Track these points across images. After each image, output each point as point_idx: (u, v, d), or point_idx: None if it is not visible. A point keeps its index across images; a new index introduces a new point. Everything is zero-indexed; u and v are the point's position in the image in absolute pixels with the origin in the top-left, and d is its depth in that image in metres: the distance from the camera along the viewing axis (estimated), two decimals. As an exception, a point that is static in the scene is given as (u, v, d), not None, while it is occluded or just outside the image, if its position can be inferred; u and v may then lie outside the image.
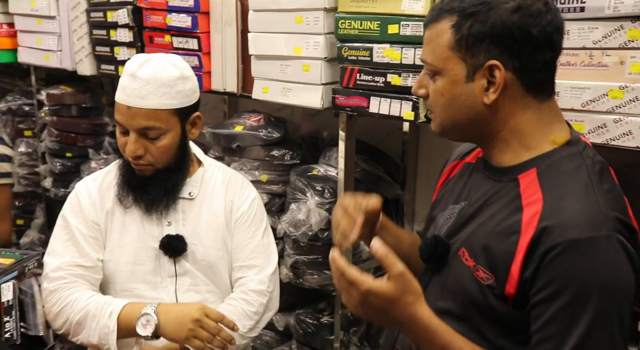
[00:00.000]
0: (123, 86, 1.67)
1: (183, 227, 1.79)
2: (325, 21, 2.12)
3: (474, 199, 1.30)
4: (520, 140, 1.23)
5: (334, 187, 2.35)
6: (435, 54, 1.23)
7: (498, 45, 1.17)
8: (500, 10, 1.17)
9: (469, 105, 1.22)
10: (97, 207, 1.80)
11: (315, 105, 2.19)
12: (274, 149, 2.53)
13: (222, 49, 2.48)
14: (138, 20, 2.71)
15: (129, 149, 1.68)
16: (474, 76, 1.20)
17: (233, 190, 1.86)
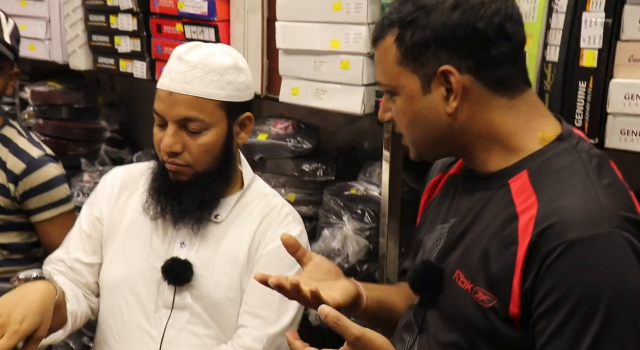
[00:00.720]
0: (167, 70, 1.78)
1: (196, 253, 1.84)
2: (370, 8, 2.14)
3: (463, 213, 1.38)
4: (503, 143, 1.34)
5: (376, 210, 2.37)
6: (386, 73, 1.36)
7: (445, 48, 1.29)
8: (439, 12, 1.29)
9: (433, 119, 1.33)
10: (112, 201, 1.93)
11: (354, 110, 2.22)
12: (304, 162, 2.57)
13: (245, 41, 2.52)
14: (144, 4, 2.78)
15: (164, 143, 1.75)
16: (429, 87, 1.32)
17: (270, 222, 1.88)
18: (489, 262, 1.28)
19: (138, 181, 1.93)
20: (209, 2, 2.54)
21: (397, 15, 1.33)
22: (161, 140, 1.76)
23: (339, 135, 2.89)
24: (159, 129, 1.79)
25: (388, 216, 2.30)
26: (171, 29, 2.69)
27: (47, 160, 2.40)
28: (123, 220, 1.90)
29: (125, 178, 1.97)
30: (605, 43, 1.62)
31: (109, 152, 3.42)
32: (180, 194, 1.80)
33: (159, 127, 1.78)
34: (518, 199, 1.28)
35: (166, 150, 1.75)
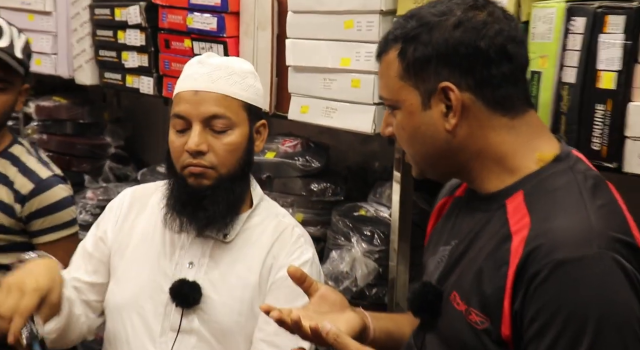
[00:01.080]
0: (188, 74, 1.82)
1: (205, 275, 1.83)
2: (381, 26, 2.15)
3: (463, 234, 1.42)
4: (502, 164, 1.37)
5: (386, 232, 2.37)
6: (388, 87, 1.40)
7: (446, 65, 1.33)
8: (441, 29, 1.33)
9: (431, 135, 1.37)
10: (119, 221, 1.93)
11: (365, 129, 2.23)
12: (312, 181, 2.58)
13: (254, 57, 2.54)
14: (152, 20, 2.80)
15: (192, 142, 1.75)
16: (429, 103, 1.36)
17: (282, 244, 1.87)
18: (482, 283, 1.30)
19: (147, 200, 1.95)
20: (218, 18, 2.57)
21: (401, 31, 1.37)
22: (180, 147, 1.78)
23: (349, 155, 2.90)
24: (177, 136, 1.80)
25: (398, 239, 2.30)
26: (179, 44, 2.72)
27: (56, 181, 2.39)
28: (131, 240, 1.90)
29: (134, 198, 1.98)
30: (624, 65, 1.61)
31: (113, 168, 3.44)
32: (203, 199, 1.80)
33: (178, 134, 1.80)
34: (512, 219, 1.31)
35: (193, 148, 1.76)
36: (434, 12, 1.36)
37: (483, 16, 1.34)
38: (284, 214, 1.97)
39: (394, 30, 1.40)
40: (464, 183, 1.51)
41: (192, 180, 1.80)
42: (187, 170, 1.79)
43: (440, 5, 1.37)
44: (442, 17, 1.34)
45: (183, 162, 1.79)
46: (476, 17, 1.34)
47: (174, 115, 1.80)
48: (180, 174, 1.80)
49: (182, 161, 1.79)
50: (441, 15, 1.35)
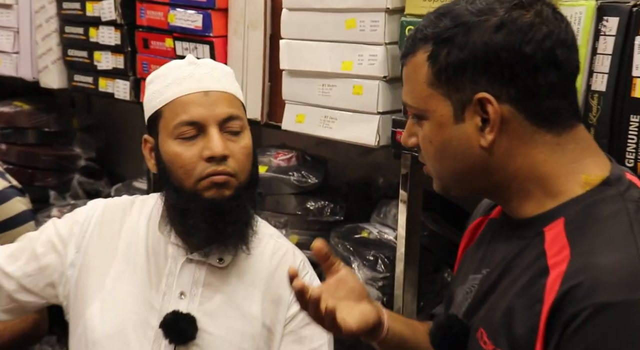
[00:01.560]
0: (183, 76, 1.82)
1: (200, 306, 1.82)
2: (387, 27, 2.17)
3: (495, 263, 1.39)
4: (542, 186, 1.34)
5: (391, 257, 2.37)
6: (414, 94, 1.37)
7: (484, 72, 1.30)
8: (480, 30, 1.29)
9: (464, 151, 1.34)
10: (88, 238, 1.89)
11: (368, 141, 2.24)
12: (309, 199, 2.58)
13: (244, 60, 2.55)
14: (129, 16, 2.80)
15: (216, 147, 1.75)
16: (463, 115, 1.33)
17: (284, 270, 1.83)
18: (513, 321, 1.28)
19: (124, 217, 1.93)
20: (204, 15, 2.57)
21: (433, 30, 1.34)
22: (194, 157, 1.77)
23: (349, 170, 2.91)
24: (186, 146, 1.78)
25: (405, 264, 2.30)
26: (160, 44, 2.72)
27: (12, 193, 2.38)
28: (112, 264, 1.88)
29: (108, 213, 1.95)
30: (664, 72, 1.62)
31: (83, 183, 3.41)
32: (228, 213, 1.78)
33: (187, 142, 1.78)
34: (551, 250, 1.28)
35: (220, 153, 1.76)
36: (472, 11, 1.31)
37: (530, 16, 1.30)
38: (278, 235, 1.99)
39: (423, 28, 1.36)
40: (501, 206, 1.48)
41: (213, 192, 1.77)
42: (207, 181, 1.77)
43: (479, 2, 1.33)
44: (481, 16, 1.30)
45: (201, 173, 1.77)
46: (522, 18, 1.30)
47: (182, 123, 1.78)
48: (194, 188, 1.78)
49: (199, 172, 1.77)
50: (481, 14, 1.31)
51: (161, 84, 1.83)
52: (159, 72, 1.88)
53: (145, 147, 1.88)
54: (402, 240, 2.29)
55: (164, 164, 1.81)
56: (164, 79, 1.83)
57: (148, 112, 1.86)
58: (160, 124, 1.81)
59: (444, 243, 2.50)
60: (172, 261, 1.84)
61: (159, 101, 1.82)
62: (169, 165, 1.80)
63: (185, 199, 1.78)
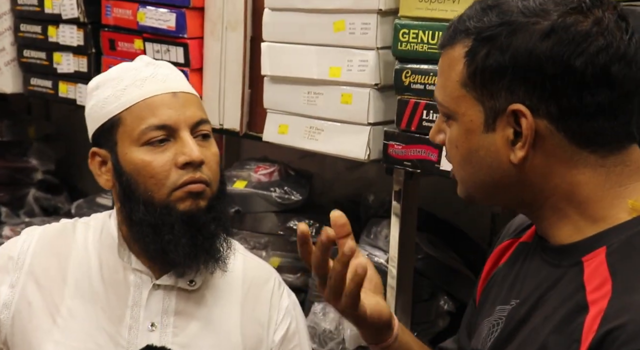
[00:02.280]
0: (142, 78, 1.81)
1: (174, 337, 1.82)
2: (379, 30, 2.22)
3: (526, 294, 1.36)
4: (581, 210, 1.31)
5: (383, 282, 2.32)
6: (445, 91, 1.36)
7: (524, 82, 1.28)
8: (526, 34, 1.27)
9: (491, 163, 1.33)
10: (25, 275, 1.86)
11: (357, 155, 2.29)
12: (292, 218, 2.65)
13: (221, 64, 2.61)
14: (94, 14, 2.86)
15: (193, 152, 1.74)
16: (494, 124, 1.31)
17: (259, 287, 1.91)
18: None
19: (67, 246, 1.89)
20: (178, 14, 2.62)
21: (476, 24, 1.31)
22: (167, 164, 1.76)
23: (336, 186, 2.96)
24: (156, 153, 1.77)
25: (397, 290, 2.35)
26: (128, 46, 2.78)
27: None
28: (61, 302, 1.84)
29: (46, 244, 1.89)
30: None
31: (39, 199, 3.45)
32: (205, 226, 1.78)
33: (156, 148, 1.77)
34: (590, 284, 1.25)
35: (198, 158, 1.75)
36: (523, 9, 1.28)
37: (586, 24, 1.26)
38: (244, 250, 2.01)
39: (467, 18, 1.32)
40: (534, 225, 1.45)
41: (189, 203, 1.77)
42: (181, 192, 1.76)
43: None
44: (531, 17, 1.27)
45: (176, 182, 1.75)
46: (576, 26, 1.25)
47: (151, 128, 1.76)
48: (166, 201, 1.77)
49: (173, 182, 1.76)
50: (531, 14, 1.27)
51: (115, 88, 1.81)
52: (109, 75, 1.85)
53: (94, 162, 1.84)
54: (394, 264, 2.34)
55: (127, 176, 1.78)
56: (119, 82, 1.81)
57: (98, 120, 1.82)
58: (119, 132, 1.79)
59: (441, 267, 2.54)
60: (136, 290, 1.83)
61: (115, 106, 1.79)
62: (134, 177, 1.77)
63: (156, 213, 1.76)
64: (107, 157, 1.82)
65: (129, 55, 2.75)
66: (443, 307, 2.54)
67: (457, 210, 2.78)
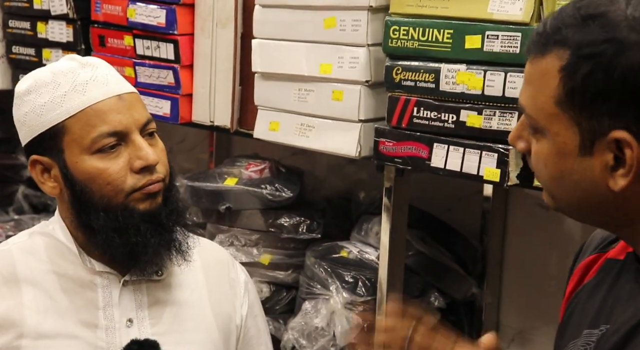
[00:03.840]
0: (82, 81, 1.72)
1: (152, 328, 1.80)
2: (370, 26, 2.18)
3: (619, 321, 1.28)
4: None
5: (373, 279, 2.38)
6: (536, 103, 1.24)
7: (632, 107, 1.16)
8: (638, 54, 1.15)
9: (586, 188, 1.23)
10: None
11: (348, 152, 2.25)
12: (282, 215, 2.59)
13: (212, 61, 2.56)
14: (83, 10, 2.81)
15: (148, 155, 1.70)
16: (592, 148, 1.20)
17: (218, 267, 1.92)
18: None
19: (12, 273, 1.80)
20: (168, 10, 2.59)
21: (574, 35, 1.19)
22: (122, 170, 1.71)
23: (327, 183, 2.93)
24: (109, 159, 1.71)
25: (387, 287, 2.31)
26: (118, 42, 2.74)
27: None
28: (22, 333, 1.76)
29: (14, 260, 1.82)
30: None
31: (28, 196, 3.40)
32: (165, 221, 1.76)
33: (108, 155, 1.71)
34: None
35: (154, 161, 1.72)
36: (633, 23, 1.17)
37: None
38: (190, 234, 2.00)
39: (562, 25, 1.21)
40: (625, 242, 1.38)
41: (148, 203, 1.74)
42: (139, 194, 1.73)
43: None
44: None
45: (134, 186, 1.72)
46: None
47: (103, 135, 1.70)
48: (124, 203, 1.73)
49: (130, 186, 1.72)
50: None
51: (53, 94, 1.73)
52: (41, 79, 1.75)
53: (35, 170, 1.78)
54: (385, 261, 2.30)
55: (81, 184, 1.72)
56: (55, 87, 1.72)
57: (36, 128, 1.75)
58: (65, 140, 1.72)
59: (431, 264, 2.51)
60: (104, 291, 1.78)
61: (56, 114, 1.72)
62: (89, 185, 1.72)
63: (118, 217, 1.73)
64: (51, 165, 1.75)
65: (119, 52, 2.75)
66: (433, 303, 2.50)
67: (447, 207, 2.74)
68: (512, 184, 1.99)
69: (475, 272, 2.62)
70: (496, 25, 1.97)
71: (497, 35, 1.97)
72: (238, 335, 1.91)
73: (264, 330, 1.98)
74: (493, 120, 2.00)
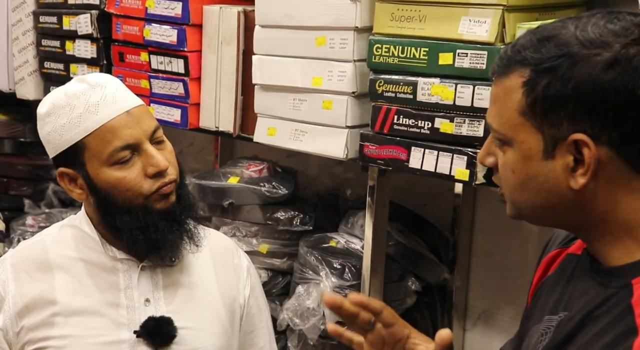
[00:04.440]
0: (94, 102, 1.80)
1: (167, 307, 1.88)
2: (356, 45, 2.29)
3: (575, 308, 1.31)
4: (633, 234, 1.26)
5: (358, 266, 2.49)
6: (502, 118, 1.29)
7: (586, 112, 1.21)
8: (589, 65, 1.20)
9: (549, 189, 1.27)
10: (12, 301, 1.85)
11: (337, 154, 2.36)
12: (279, 209, 2.70)
13: (217, 74, 2.67)
14: (105, 30, 2.92)
15: (159, 161, 1.79)
16: (554, 152, 1.24)
17: (224, 253, 2.00)
18: None
19: (46, 261, 1.88)
20: (179, 30, 2.68)
21: (533, 54, 1.24)
22: (138, 177, 1.79)
23: (318, 181, 3.00)
24: (126, 169, 1.80)
25: (370, 273, 2.41)
26: (135, 58, 2.83)
27: None
28: (56, 314, 1.85)
29: (20, 268, 1.89)
30: None
31: (57, 192, 3.47)
32: (179, 216, 1.85)
33: (125, 165, 1.80)
34: (639, 307, 1.20)
35: (164, 166, 1.80)
36: (582, 41, 1.21)
37: None
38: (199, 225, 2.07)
39: (522, 48, 1.26)
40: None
41: (164, 203, 1.82)
42: (156, 195, 1.81)
43: (591, 29, 1.22)
44: (592, 49, 1.20)
45: (150, 189, 1.80)
46: (639, 56, 1.19)
47: (118, 149, 1.78)
48: (143, 204, 1.81)
49: (147, 190, 1.80)
50: (591, 46, 1.21)
51: (70, 115, 1.80)
52: (58, 102, 1.82)
53: (63, 180, 1.86)
54: (369, 250, 2.41)
55: (104, 192, 1.81)
56: (71, 109, 1.80)
57: (59, 146, 1.82)
58: (86, 156, 1.80)
59: (409, 253, 2.61)
60: (124, 275, 1.87)
61: (75, 133, 1.79)
62: (111, 192, 1.80)
63: (140, 217, 1.81)
64: (76, 176, 1.83)
65: (136, 66, 2.85)
66: (411, 287, 2.60)
67: (423, 203, 2.83)
68: (479, 182, 2.09)
69: (447, 259, 2.72)
70: (466, 44, 2.07)
71: (466, 53, 2.07)
72: (242, 314, 1.99)
73: (264, 309, 2.05)
74: (463, 127, 2.10)
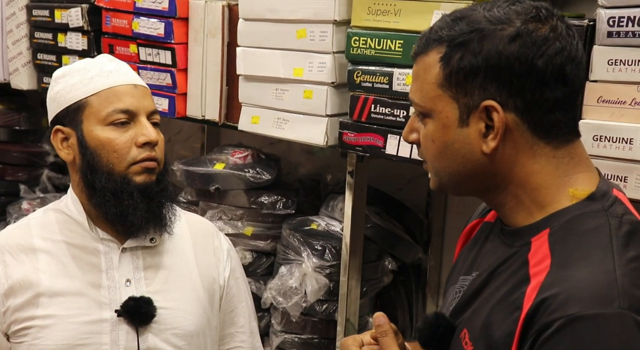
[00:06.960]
0: (108, 70, 1.81)
1: (147, 288, 1.85)
2: (335, 37, 2.27)
3: (484, 267, 1.37)
4: (533, 196, 1.31)
5: (338, 247, 2.47)
6: (422, 92, 1.33)
7: (494, 80, 1.26)
8: (495, 39, 1.26)
9: (465, 154, 1.31)
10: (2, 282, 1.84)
11: (317, 141, 2.34)
12: (262, 194, 2.68)
13: (203, 65, 2.64)
14: (96, 23, 2.89)
15: (149, 133, 1.78)
16: (468, 119, 1.29)
17: (203, 236, 1.96)
18: (493, 326, 1.26)
19: (29, 244, 1.84)
20: (166, 23, 2.66)
21: (448, 33, 1.29)
22: (128, 142, 1.78)
23: (300, 167, 2.99)
24: (119, 132, 1.78)
25: (350, 253, 2.40)
26: (124, 50, 2.80)
27: None
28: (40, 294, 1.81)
29: (5, 250, 1.85)
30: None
31: (51, 178, 3.47)
32: (156, 196, 1.82)
33: (119, 128, 1.78)
34: (533, 260, 1.26)
35: (154, 138, 1.79)
36: (490, 18, 1.28)
37: (545, 30, 1.26)
38: (181, 210, 2.02)
39: (438, 29, 1.31)
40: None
41: (144, 177, 1.80)
42: (138, 167, 1.79)
43: (497, 10, 1.29)
44: (498, 25, 1.27)
45: (135, 157, 1.78)
46: (537, 31, 1.26)
47: (117, 111, 1.77)
48: (124, 173, 1.78)
49: (132, 157, 1.78)
50: (497, 22, 1.27)
51: (82, 77, 1.80)
52: (76, 67, 1.84)
53: (56, 138, 1.83)
54: (348, 232, 2.40)
55: (92, 150, 1.78)
56: (85, 72, 1.81)
57: (64, 103, 1.81)
58: (85, 113, 1.78)
59: (386, 234, 2.59)
60: (106, 256, 1.83)
61: (82, 92, 1.79)
62: (98, 151, 1.77)
63: (117, 182, 1.78)
64: (70, 134, 1.81)
65: (125, 58, 2.78)
66: (387, 266, 2.60)
67: (399, 187, 2.82)
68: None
69: (421, 240, 2.71)
70: (438, 37, 2.10)
71: (439, 45, 2.10)
72: (221, 294, 1.94)
73: (244, 290, 2.01)
74: (437, 115, 2.14)
